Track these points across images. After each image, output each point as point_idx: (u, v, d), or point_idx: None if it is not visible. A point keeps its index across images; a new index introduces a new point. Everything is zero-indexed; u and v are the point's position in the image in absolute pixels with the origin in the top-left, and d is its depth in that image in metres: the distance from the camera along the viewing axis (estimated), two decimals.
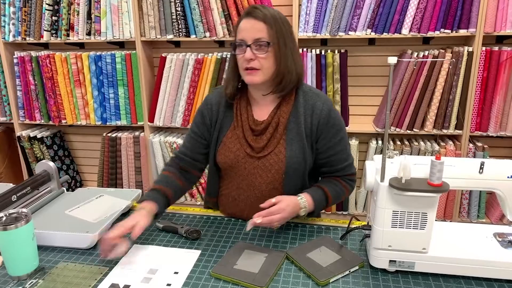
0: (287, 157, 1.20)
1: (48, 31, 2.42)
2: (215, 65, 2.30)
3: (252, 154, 1.23)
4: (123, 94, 2.45)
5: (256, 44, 1.13)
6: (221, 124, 1.27)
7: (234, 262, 1.03)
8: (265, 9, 1.15)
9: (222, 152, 1.26)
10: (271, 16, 1.14)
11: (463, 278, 0.98)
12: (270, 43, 1.13)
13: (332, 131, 1.22)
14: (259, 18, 1.13)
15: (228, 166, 1.26)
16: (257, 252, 1.07)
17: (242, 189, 1.27)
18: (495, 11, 1.99)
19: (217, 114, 1.28)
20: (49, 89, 2.51)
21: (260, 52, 1.14)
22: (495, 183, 0.95)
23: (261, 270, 0.99)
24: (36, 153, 2.62)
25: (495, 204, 2.24)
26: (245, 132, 1.24)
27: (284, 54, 1.16)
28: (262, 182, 1.24)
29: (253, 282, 0.95)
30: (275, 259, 1.04)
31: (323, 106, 1.22)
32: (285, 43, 1.15)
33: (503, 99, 2.07)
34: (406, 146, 2.23)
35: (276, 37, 1.14)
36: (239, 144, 1.24)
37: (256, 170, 1.24)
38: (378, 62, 2.34)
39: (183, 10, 2.25)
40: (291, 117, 1.22)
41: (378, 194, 0.96)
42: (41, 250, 1.11)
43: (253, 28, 1.13)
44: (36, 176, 1.34)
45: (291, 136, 1.21)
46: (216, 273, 0.99)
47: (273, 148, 1.22)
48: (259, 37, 1.13)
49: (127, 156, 2.54)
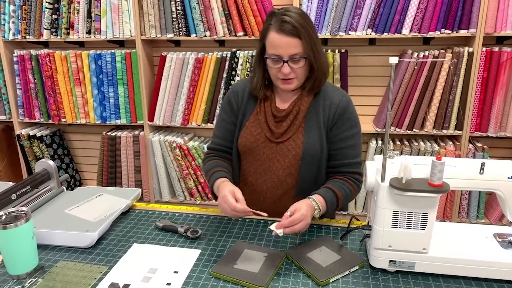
0: (304, 144, 1.26)
1: (48, 29, 2.41)
2: (215, 64, 2.30)
3: (272, 139, 1.29)
4: (123, 93, 2.44)
5: (293, 60, 1.19)
6: (245, 109, 1.34)
7: (234, 262, 1.03)
8: (293, 18, 1.16)
9: (243, 135, 1.31)
10: (301, 27, 1.16)
11: (463, 279, 0.98)
12: (306, 57, 1.19)
13: (347, 124, 1.27)
14: (292, 34, 1.16)
15: (247, 149, 1.31)
16: (257, 251, 1.07)
17: (259, 174, 1.32)
18: (495, 12, 1.99)
19: (242, 99, 1.34)
20: (49, 88, 2.50)
21: (297, 65, 1.20)
22: (496, 183, 0.95)
23: (261, 269, 0.99)
24: (35, 151, 2.62)
25: (494, 205, 2.24)
26: (267, 117, 1.30)
27: (319, 61, 1.22)
28: (280, 167, 1.28)
29: (253, 281, 0.95)
30: (275, 259, 1.04)
31: (342, 98, 1.28)
32: (317, 50, 1.21)
33: (503, 99, 2.07)
34: (406, 146, 2.23)
35: (310, 49, 1.18)
36: (260, 129, 1.30)
37: (274, 155, 1.29)
38: (378, 62, 2.33)
39: (183, 9, 2.25)
40: (311, 106, 1.28)
41: (378, 194, 0.96)
42: (41, 249, 1.10)
43: (289, 45, 1.17)
44: (36, 175, 1.34)
45: (310, 124, 1.27)
46: (216, 272, 0.99)
47: (291, 134, 1.27)
48: (295, 53, 1.18)
49: (127, 155, 2.53)
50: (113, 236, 1.18)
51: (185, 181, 2.49)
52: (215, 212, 1.33)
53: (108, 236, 1.18)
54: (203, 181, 2.46)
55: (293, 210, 1.09)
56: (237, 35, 2.23)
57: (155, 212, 1.33)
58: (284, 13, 1.18)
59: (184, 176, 2.47)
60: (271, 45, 1.20)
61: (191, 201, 2.52)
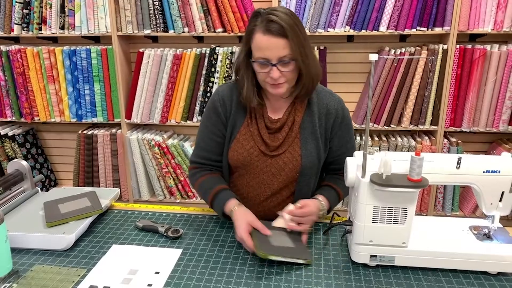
0: (302, 156, 1.20)
1: (19, 24, 2.32)
2: (194, 61, 2.27)
3: (266, 152, 1.22)
4: (99, 90, 2.38)
5: (282, 63, 1.10)
6: (235, 120, 1.24)
7: (269, 241, 1.05)
8: (280, 17, 1.07)
9: (235, 149, 1.23)
10: (288, 27, 1.07)
11: (441, 271, 1.00)
12: (295, 59, 1.10)
13: (345, 130, 1.25)
14: (280, 34, 1.07)
15: (240, 163, 1.23)
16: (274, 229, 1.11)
17: (252, 187, 1.26)
18: (468, 10, 2.04)
19: (230, 109, 1.24)
20: (21, 85, 2.41)
21: (286, 68, 1.11)
22: (472, 178, 0.98)
23: (295, 244, 1.06)
24: (7, 151, 2.53)
25: (468, 198, 2.31)
26: (260, 129, 1.22)
27: (307, 64, 1.13)
28: (275, 180, 1.23)
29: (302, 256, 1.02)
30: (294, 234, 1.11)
31: (337, 105, 1.23)
32: (306, 52, 1.11)
33: (476, 95, 2.13)
34: (384, 142, 2.27)
35: (298, 51, 1.09)
36: (253, 142, 1.22)
37: (268, 168, 1.22)
38: (356, 59, 2.36)
39: (160, 5, 2.20)
40: (306, 116, 1.22)
41: (359, 190, 0.97)
42: (15, 253, 1.07)
43: (277, 47, 1.08)
44: (8, 176, 1.29)
45: (306, 135, 1.21)
46: (266, 253, 0.98)
47: (287, 147, 1.21)
48: (284, 55, 1.09)
49: (104, 154, 2.48)
50: (91, 237, 1.15)
51: (164, 180, 2.45)
52: (195, 211, 1.32)
53: (86, 238, 1.15)
54: (183, 179, 2.43)
55: (303, 203, 1.10)
56: (216, 31, 2.20)
57: (134, 212, 1.30)
58: (271, 12, 1.08)
59: (164, 174, 2.43)
60: (257, 48, 1.10)
61: (171, 200, 2.49)
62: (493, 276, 0.98)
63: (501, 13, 2.02)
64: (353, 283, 0.96)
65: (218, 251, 1.09)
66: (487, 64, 2.08)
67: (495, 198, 0.99)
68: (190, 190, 2.47)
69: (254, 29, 1.10)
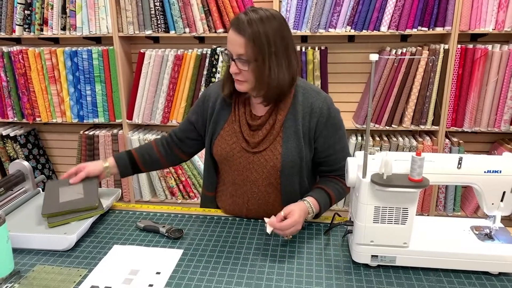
0: (282, 155, 1.20)
1: (20, 25, 2.33)
2: (195, 61, 2.27)
3: (248, 149, 1.23)
4: (100, 91, 2.39)
5: (240, 60, 1.11)
6: (218, 115, 1.27)
7: (57, 200, 1.14)
8: (252, 20, 1.08)
9: (218, 144, 1.26)
10: (253, 33, 1.07)
11: (443, 271, 1.00)
12: (249, 61, 1.10)
13: (331, 130, 1.22)
14: (241, 33, 1.08)
15: (223, 158, 1.27)
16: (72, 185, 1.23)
17: (238, 185, 1.27)
18: (470, 9, 2.04)
19: (214, 105, 1.28)
20: (22, 86, 2.42)
21: (243, 67, 1.12)
22: (473, 178, 0.98)
23: (85, 194, 1.14)
24: (9, 152, 2.53)
25: (470, 198, 2.31)
26: (242, 126, 1.24)
27: (263, 71, 1.11)
28: (258, 177, 1.24)
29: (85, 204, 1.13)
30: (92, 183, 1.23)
31: (322, 104, 1.20)
32: (265, 60, 1.10)
33: (477, 95, 2.13)
34: (385, 142, 2.27)
35: (254, 55, 1.09)
36: (235, 138, 1.24)
37: (251, 165, 1.24)
38: (357, 59, 2.36)
39: (162, 5, 2.21)
40: (289, 114, 1.21)
41: (360, 190, 0.97)
42: (17, 253, 1.07)
43: (236, 42, 1.10)
44: (10, 177, 1.29)
45: (288, 133, 1.20)
46: (47, 213, 1.09)
47: (268, 144, 1.21)
48: (241, 53, 1.10)
49: (105, 154, 2.48)
50: (93, 238, 1.15)
51: (165, 180, 2.46)
52: (197, 212, 1.32)
53: (87, 238, 1.15)
54: (184, 180, 2.44)
55: (287, 212, 1.08)
56: (217, 32, 2.21)
57: (135, 213, 1.30)
58: (248, 11, 1.11)
59: (165, 175, 2.43)
60: (227, 40, 1.14)
61: (172, 200, 2.50)
62: (495, 276, 0.98)
63: (503, 13, 2.02)
64: (354, 283, 0.96)
65: (219, 251, 1.09)
66: (488, 64, 2.08)
67: (496, 198, 0.99)
68: (191, 191, 2.47)
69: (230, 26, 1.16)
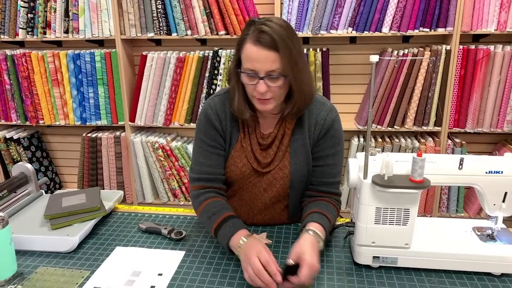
0: (291, 172, 1.16)
1: (23, 28, 2.34)
2: (197, 64, 2.28)
3: (259, 170, 1.17)
4: (103, 93, 2.40)
5: (270, 77, 1.03)
6: (230, 134, 1.18)
7: (60, 205, 1.18)
8: (272, 29, 1.00)
9: (228, 166, 1.19)
10: (280, 39, 1.00)
11: (444, 272, 1.00)
12: (285, 75, 1.03)
13: (329, 142, 1.16)
14: (270, 47, 1.00)
15: (233, 181, 1.21)
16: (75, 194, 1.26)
17: (244, 201, 1.23)
18: (471, 10, 2.04)
19: (226, 123, 1.18)
20: (26, 89, 2.43)
21: (274, 83, 1.04)
22: (474, 178, 0.98)
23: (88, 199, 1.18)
24: (12, 154, 2.54)
25: (473, 199, 2.30)
26: (253, 146, 1.17)
27: (299, 81, 1.06)
28: (267, 196, 1.20)
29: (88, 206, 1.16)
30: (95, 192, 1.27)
31: (327, 116, 1.15)
32: (298, 68, 1.04)
33: (480, 96, 2.12)
34: (387, 143, 2.27)
35: (289, 66, 1.02)
36: (246, 159, 1.17)
37: (260, 184, 1.19)
38: (359, 61, 2.36)
39: (163, 8, 2.22)
40: (296, 127, 1.16)
41: (361, 191, 0.97)
42: (20, 255, 1.08)
43: (266, 59, 1.00)
44: (13, 179, 1.30)
45: (296, 147, 1.16)
46: (49, 215, 1.14)
47: (278, 162, 1.16)
48: (273, 69, 1.01)
49: (108, 156, 2.49)
50: (95, 239, 1.16)
51: (168, 182, 2.46)
52: None
53: (90, 240, 1.15)
54: (186, 182, 2.44)
55: (295, 258, 0.93)
56: (219, 34, 2.21)
57: (138, 214, 1.31)
58: (264, 22, 1.02)
59: (167, 177, 2.44)
60: (247, 58, 1.03)
61: (174, 202, 2.50)
62: (497, 277, 0.97)
63: (505, 13, 2.02)
64: (356, 285, 0.96)
65: (221, 252, 1.09)
66: (490, 64, 2.07)
67: (498, 199, 0.99)
68: None
69: (245, 38, 1.04)
